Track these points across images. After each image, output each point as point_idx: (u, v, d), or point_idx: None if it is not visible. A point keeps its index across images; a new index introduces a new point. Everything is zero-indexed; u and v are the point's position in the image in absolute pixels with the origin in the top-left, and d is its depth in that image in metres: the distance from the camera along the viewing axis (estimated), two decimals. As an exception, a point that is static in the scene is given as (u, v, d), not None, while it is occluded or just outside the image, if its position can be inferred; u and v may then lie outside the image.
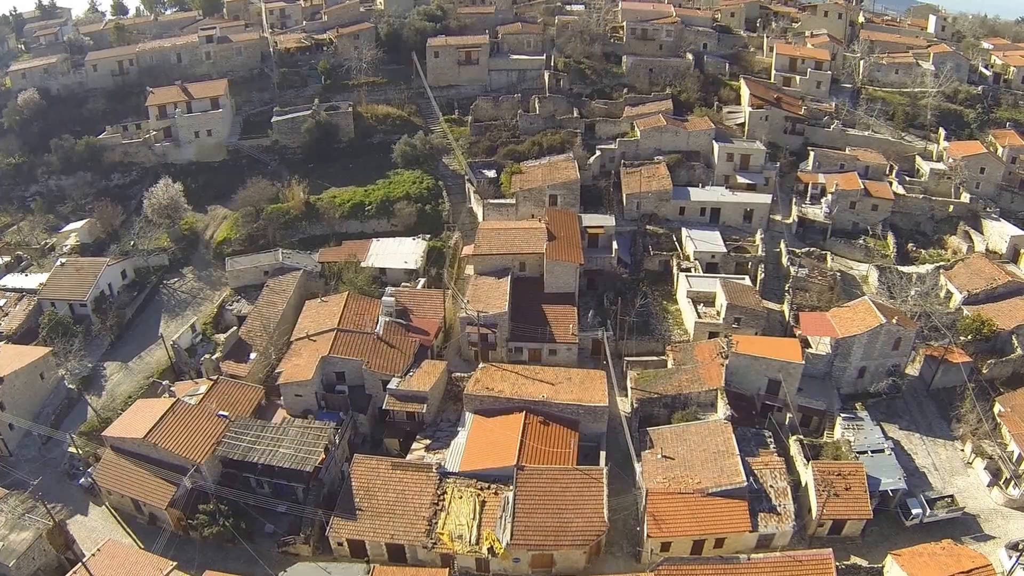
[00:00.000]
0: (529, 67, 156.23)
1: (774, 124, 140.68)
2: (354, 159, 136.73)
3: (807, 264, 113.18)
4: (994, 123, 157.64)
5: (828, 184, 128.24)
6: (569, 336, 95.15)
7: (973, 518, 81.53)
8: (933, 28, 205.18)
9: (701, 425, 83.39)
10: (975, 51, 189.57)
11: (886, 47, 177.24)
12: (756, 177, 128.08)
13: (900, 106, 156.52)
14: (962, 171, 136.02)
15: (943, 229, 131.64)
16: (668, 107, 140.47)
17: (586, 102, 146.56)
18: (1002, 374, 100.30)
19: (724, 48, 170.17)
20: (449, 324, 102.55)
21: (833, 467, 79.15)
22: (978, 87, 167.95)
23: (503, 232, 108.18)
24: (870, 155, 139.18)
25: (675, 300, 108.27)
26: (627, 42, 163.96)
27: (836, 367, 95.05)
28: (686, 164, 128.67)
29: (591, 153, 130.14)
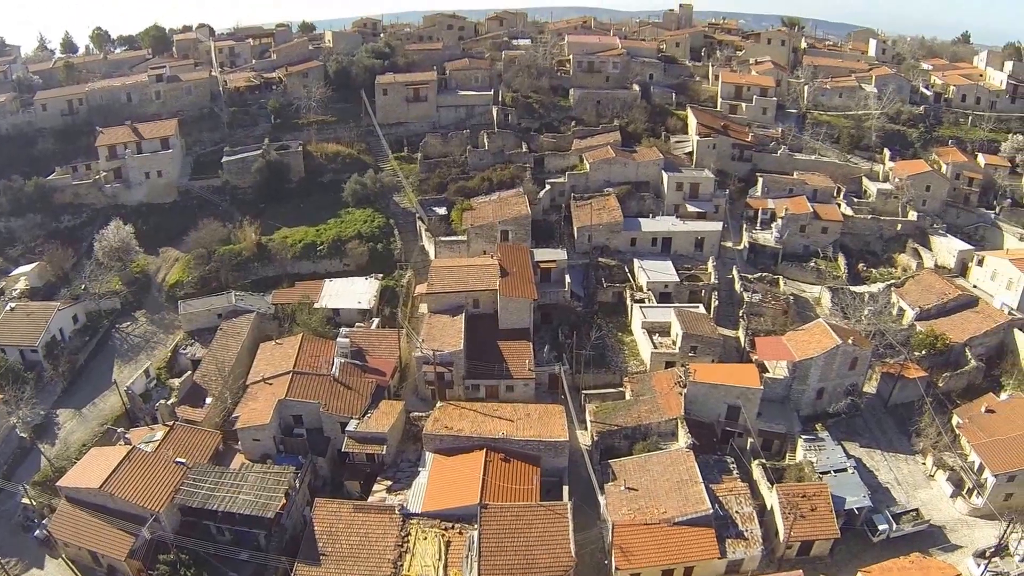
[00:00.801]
0: (477, 103, 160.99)
1: (722, 152, 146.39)
2: (305, 198, 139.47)
3: (760, 289, 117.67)
4: (937, 141, 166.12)
5: (778, 209, 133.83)
6: (526, 372, 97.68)
7: (939, 529, 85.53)
8: (874, 51, 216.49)
9: (663, 455, 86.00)
10: (915, 72, 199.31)
11: (829, 72, 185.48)
12: (706, 205, 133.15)
13: (845, 129, 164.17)
14: (908, 190, 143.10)
15: (892, 247, 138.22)
16: (616, 139, 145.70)
17: (535, 136, 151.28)
18: (958, 386, 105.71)
19: (670, 78, 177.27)
20: (405, 364, 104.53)
21: (797, 489, 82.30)
22: (920, 107, 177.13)
23: (456, 269, 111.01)
24: (818, 178, 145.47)
25: (630, 331, 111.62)
26: (574, 75, 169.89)
27: (794, 390, 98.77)
28: (636, 195, 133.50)
29: (541, 187, 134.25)
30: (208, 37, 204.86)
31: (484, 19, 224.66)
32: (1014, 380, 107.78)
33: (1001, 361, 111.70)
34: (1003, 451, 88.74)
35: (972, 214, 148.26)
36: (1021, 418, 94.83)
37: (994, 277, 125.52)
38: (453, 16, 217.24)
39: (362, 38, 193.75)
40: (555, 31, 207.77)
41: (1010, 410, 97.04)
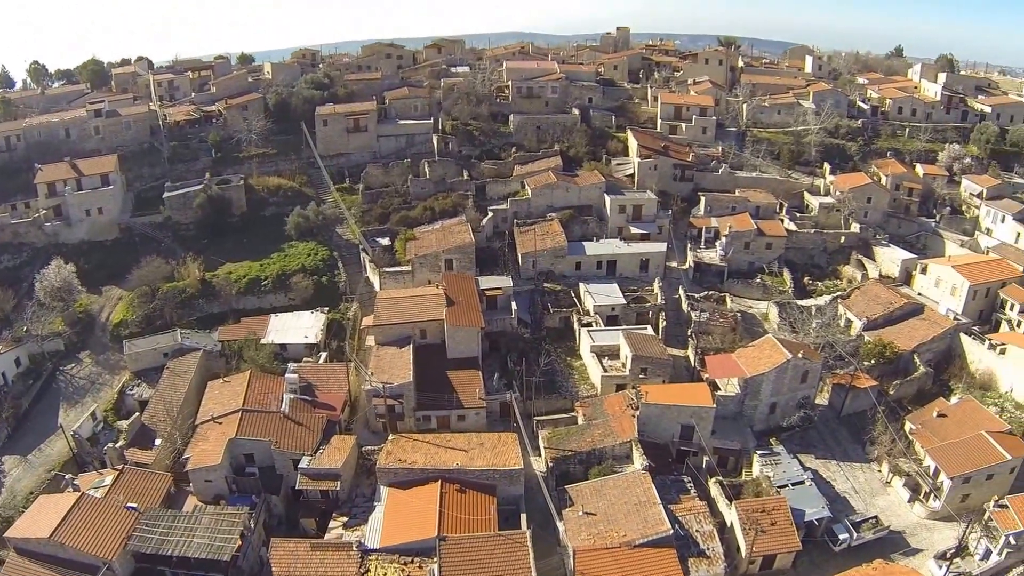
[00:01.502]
0: (417, 131, 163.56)
1: (663, 172, 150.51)
2: (248, 233, 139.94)
3: (707, 308, 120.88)
4: (876, 154, 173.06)
5: (721, 227, 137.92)
6: (476, 401, 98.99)
7: (899, 535, 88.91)
8: (810, 68, 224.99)
9: (619, 478, 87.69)
10: (852, 87, 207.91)
11: (767, 89, 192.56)
12: (649, 226, 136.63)
13: (785, 145, 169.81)
14: (850, 202, 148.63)
15: (837, 260, 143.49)
16: (557, 163, 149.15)
17: (476, 164, 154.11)
18: (908, 393, 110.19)
19: (609, 101, 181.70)
20: (355, 397, 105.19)
21: (756, 504, 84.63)
22: (858, 121, 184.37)
23: (402, 300, 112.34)
24: (760, 195, 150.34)
25: (579, 356, 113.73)
26: (513, 101, 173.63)
27: (747, 406, 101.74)
28: (579, 219, 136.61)
29: (484, 215, 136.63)
30: (147, 70, 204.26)
31: (422, 47, 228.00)
32: (963, 384, 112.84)
33: (949, 366, 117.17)
34: (957, 454, 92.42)
35: (913, 223, 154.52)
36: (972, 421, 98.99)
37: (938, 284, 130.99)
38: (391, 45, 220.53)
39: (301, 69, 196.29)
40: (493, 57, 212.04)
41: (961, 413, 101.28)
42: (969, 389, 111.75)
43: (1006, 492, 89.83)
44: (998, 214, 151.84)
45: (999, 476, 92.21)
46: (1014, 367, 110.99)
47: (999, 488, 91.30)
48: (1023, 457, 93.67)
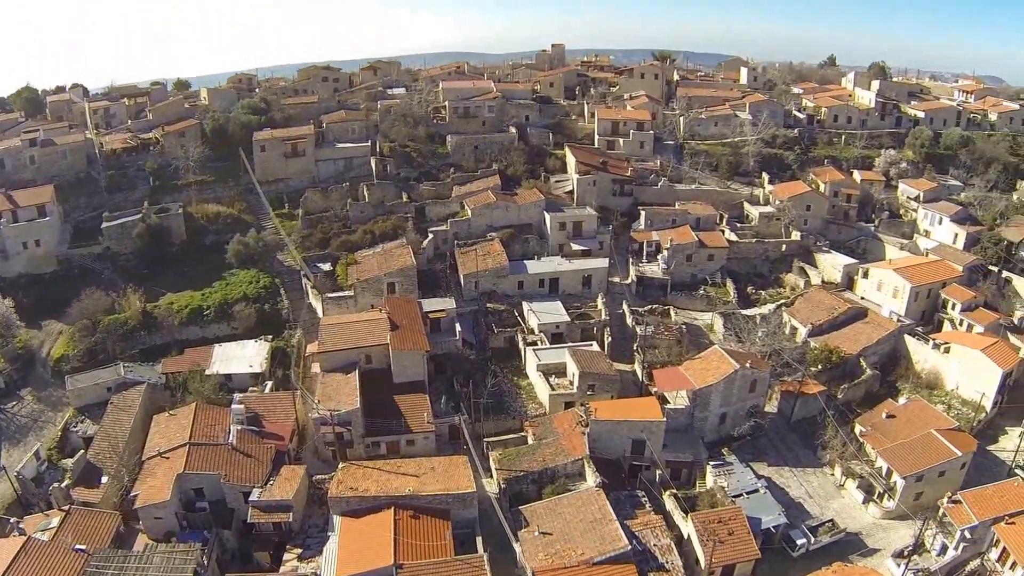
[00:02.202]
0: (355, 155, 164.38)
1: (602, 188, 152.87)
2: (189, 262, 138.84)
3: (652, 321, 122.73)
4: (813, 162, 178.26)
5: (663, 240, 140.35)
6: (425, 425, 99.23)
7: (856, 536, 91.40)
8: (745, 79, 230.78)
9: (573, 496, 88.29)
10: (787, 96, 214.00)
11: (704, 102, 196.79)
12: (591, 242, 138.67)
13: (723, 156, 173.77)
14: (789, 211, 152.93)
15: (779, 268, 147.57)
16: (496, 183, 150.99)
17: (415, 185, 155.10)
18: (856, 396, 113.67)
19: (546, 118, 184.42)
20: (303, 426, 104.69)
21: (712, 515, 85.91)
22: (794, 130, 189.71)
23: (345, 326, 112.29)
24: (700, 207, 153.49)
25: (526, 375, 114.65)
26: (450, 121, 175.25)
27: (697, 417, 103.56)
28: (520, 238, 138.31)
29: (424, 237, 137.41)
30: (82, 98, 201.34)
31: (358, 70, 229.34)
32: (910, 384, 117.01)
33: (895, 367, 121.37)
34: (908, 454, 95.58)
35: (853, 229, 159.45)
36: (921, 420, 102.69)
37: (880, 287, 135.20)
38: (327, 68, 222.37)
39: (238, 94, 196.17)
40: (429, 78, 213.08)
41: (909, 413, 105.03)
42: (916, 389, 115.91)
43: (958, 487, 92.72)
44: (935, 216, 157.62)
45: (950, 472, 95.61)
46: (958, 365, 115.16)
47: (951, 484, 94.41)
48: (972, 452, 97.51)
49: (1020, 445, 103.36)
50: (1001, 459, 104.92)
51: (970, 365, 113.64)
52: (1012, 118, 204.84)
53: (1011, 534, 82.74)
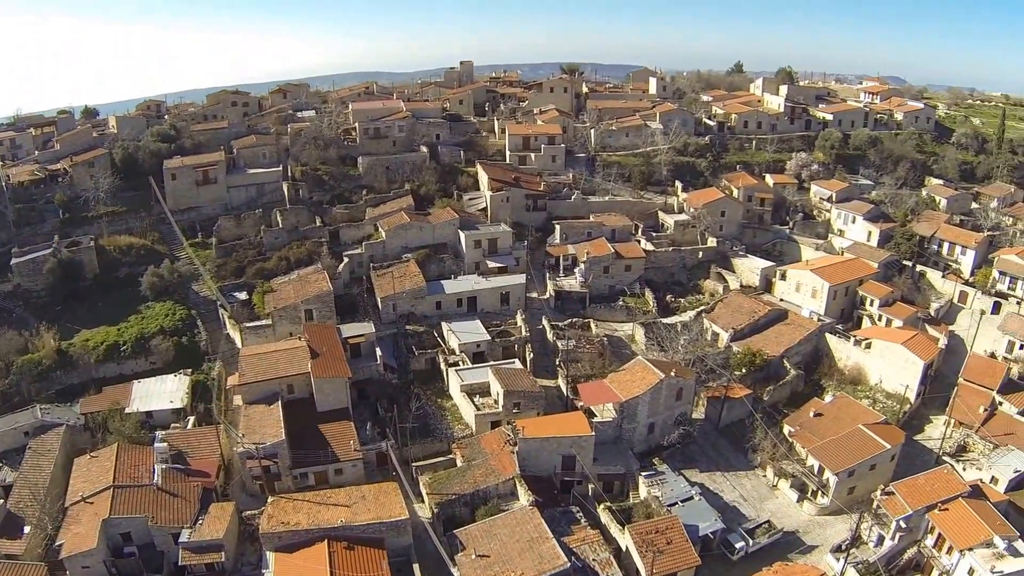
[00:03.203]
0: (267, 180, 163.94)
1: (516, 204, 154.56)
2: (103, 296, 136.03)
3: (573, 335, 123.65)
4: (725, 168, 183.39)
5: (579, 253, 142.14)
6: (352, 452, 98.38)
7: (794, 535, 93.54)
8: (654, 89, 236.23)
9: (507, 516, 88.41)
10: (697, 105, 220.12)
11: (614, 113, 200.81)
12: (507, 259, 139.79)
13: (636, 167, 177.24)
14: (704, 218, 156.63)
15: (697, 275, 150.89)
16: (409, 203, 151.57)
17: (328, 209, 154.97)
18: (782, 397, 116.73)
19: (457, 136, 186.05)
20: (228, 461, 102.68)
21: (649, 526, 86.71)
22: (705, 137, 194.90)
23: (265, 356, 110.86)
24: (615, 218, 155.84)
25: (450, 396, 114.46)
26: (361, 142, 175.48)
27: (625, 429, 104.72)
28: (435, 258, 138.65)
29: (339, 261, 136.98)
30: None
31: (267, 93, 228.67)
32: (834, 381, 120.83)
33: (818, 366, 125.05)
34: (838, 450, 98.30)
35: (768, 232, 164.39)
36: (848, 416, 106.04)
37: (798, 288, 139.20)
38: (236, 92, 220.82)
39: (147, 121, 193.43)
40: (339, 99, 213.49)
41: (836, 410, 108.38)
42: (840, 386, 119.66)
43: (890, 479, 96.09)
44: (849, 215, 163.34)
45: (881, 465, 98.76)
46: (880, 359, 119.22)
47: (882, 477, 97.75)
48: (901, 444, 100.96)
49: (946, 433, 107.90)
50: (929, 448, 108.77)
51: (892, 359, 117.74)
52: (917, 117, 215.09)
53: (945, 520, 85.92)
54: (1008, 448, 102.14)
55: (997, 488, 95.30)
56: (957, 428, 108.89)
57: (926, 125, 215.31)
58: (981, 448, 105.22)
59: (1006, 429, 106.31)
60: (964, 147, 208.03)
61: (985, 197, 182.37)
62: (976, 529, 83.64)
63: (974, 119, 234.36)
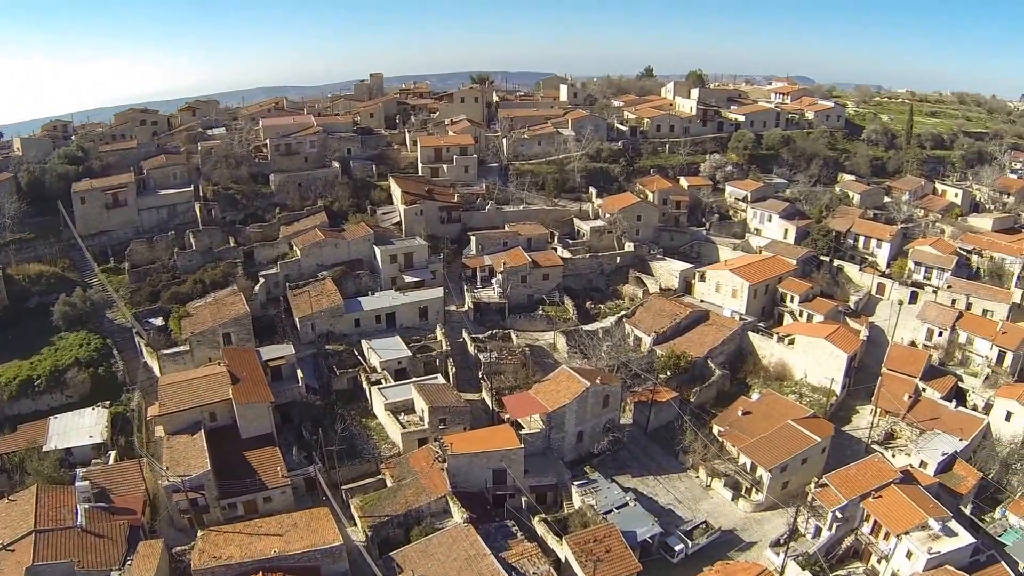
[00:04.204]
0: (179, 201, 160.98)
1: (430, 216, 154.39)
2: (13, 328, 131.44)
3: (494, 347, 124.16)
4: (640, 172, 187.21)
5: (496, 264, 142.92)
6: (280, 479, 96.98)
7: (732, 533, 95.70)
8: (565, 96, 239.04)
9: (443, 535, 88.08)
10: (609, 110, 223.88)
11: (526, 121, 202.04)
12: (423, 273, 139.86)
13: (549, 174, 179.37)
14: (620, 223, 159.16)
15: (616, 280, 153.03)
16: (323, 219, 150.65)
17: (241, 229, 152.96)
18: (709, 397, 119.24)
19: (369, 150, 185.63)
20: (154, 495, 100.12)
21: (586, 535, 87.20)
22: (618, 142, 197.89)
23: (185, 384, 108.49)
24: (530, 227, 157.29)
25: (374, 415, 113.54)
26: (272, 159, 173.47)
27: (554, 439, 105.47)
28: (352, 275, 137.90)
29: (255, 281, 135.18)
30: None
31: (176, 111, 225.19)
32: (759, 379, 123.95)
33: (743, 364, 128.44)
34: (769, 447, 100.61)
35: (685, 234, 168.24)
36: (776, 412, 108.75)
37: (718, 289, 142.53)
38: (145, 111, 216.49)
39: (53, 143, 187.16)
40: (249, 116, 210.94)
41: (764, 407, 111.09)
42: (766, 383, 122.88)
43: (822, 471, 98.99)
44: (765, 214, 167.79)
45: (813, 458, 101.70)
46: (804, 354, 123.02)
47: (815, 469, 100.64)
48: (831, 436, 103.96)
49: (873, 422, 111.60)
50: (858, 438, 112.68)
51: (815, 353, 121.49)
52: (828, 115, 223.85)
53: (880, 507, 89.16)
54: (934, 432, 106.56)
55: (927, 472, 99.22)
56: (883, 417, 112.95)
57: (836, 123, 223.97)
58: (908, 434, 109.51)
59: (931, 414, 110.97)
60: (874, 143, 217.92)
61: (897, 191, 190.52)
62: (910, 513, 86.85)
63: (883, 116, 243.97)
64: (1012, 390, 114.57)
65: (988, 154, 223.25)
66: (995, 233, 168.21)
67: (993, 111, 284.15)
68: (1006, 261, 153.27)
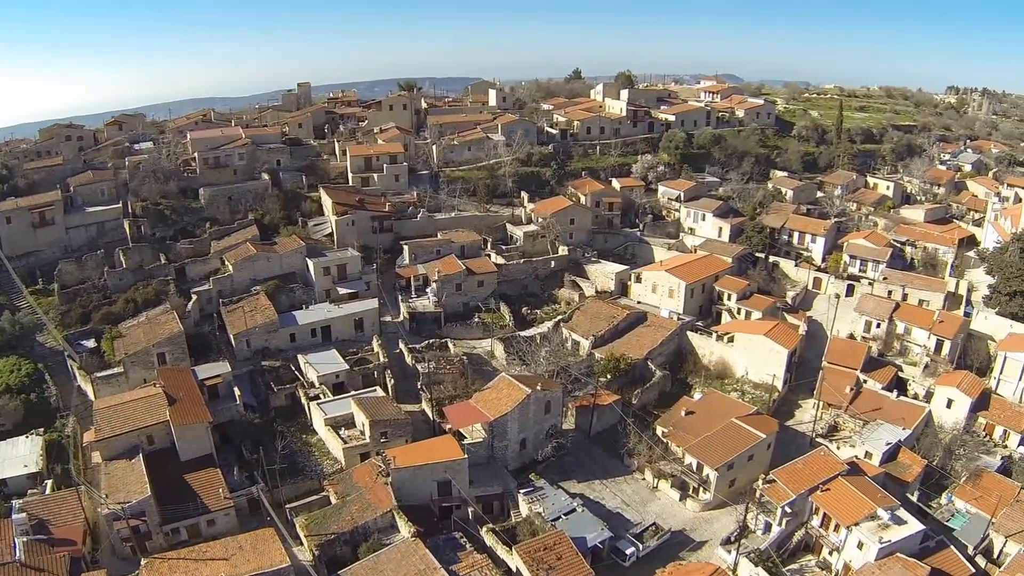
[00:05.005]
0: (107, 218, 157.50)
1: (362, 227, 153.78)
2: None
3: (431, 357, 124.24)
4: (571, 175, 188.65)
5: (430, 273, 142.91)
6: (222, 501, 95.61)
7: (682, 533, 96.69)
8: (494, 101, 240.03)
9: (391, 550, 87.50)
10: (539, 114, 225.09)
11: (455, 127, 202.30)
12: (357, 284, 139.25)
13: (480, 180, 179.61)
14: (554, 227, 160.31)
15: (551, 285, 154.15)
16: (254, 233, 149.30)
17: (172, 245, 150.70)
18: (651, 399, 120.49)
19: (298, 161, 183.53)
20: (94, 524, 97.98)
21: (536, 543, 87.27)
22: (549, 146, 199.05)
23: (121, 407, 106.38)
24: (463, 234, 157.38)
25: (314, 431, 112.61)
26: (201, 173, 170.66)
27: (497, 448, 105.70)
28: (285, 288, 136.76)
29: (188, 299, 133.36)
30: None
31: (103, 125, 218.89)
32: (701, 378, 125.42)
33: (683, 364, 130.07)
34: (714, 445, 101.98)
35: (619, 236, 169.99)
36: (719, 410, 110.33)
37: (655, 289, 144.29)
38: (70, 126, 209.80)
39: None
40: (176, 129, 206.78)
41: (707, 406, 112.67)
42: (708, 382, 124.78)
43: (768, 467, 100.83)
44: (698, 213, 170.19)
45: (759, 455, 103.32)
46: (744, 352, 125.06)
47: (761, 466, 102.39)
48: (775, 432, 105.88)
49: (817, 416, 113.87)
50: (802, 432, 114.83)
51: (756, 350, 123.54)
52: (758, 113, 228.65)
53: (828, 500, 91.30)
54: (877, 423, 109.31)
55: (872, 462, 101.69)
56: (826, 410, 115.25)
57: (767, 120, 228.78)
58: (852, 426, 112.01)
59: (873, 405, 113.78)
60: (805, 139, 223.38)
61: (829, 185, 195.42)
62: (859, 504, 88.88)
63: (812, 112, 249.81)
64: (951, 377, 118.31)
65: (917, 146, 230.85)
66: (927, 224, 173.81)
67: (920, 104, 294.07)
68: (939, 251, 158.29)
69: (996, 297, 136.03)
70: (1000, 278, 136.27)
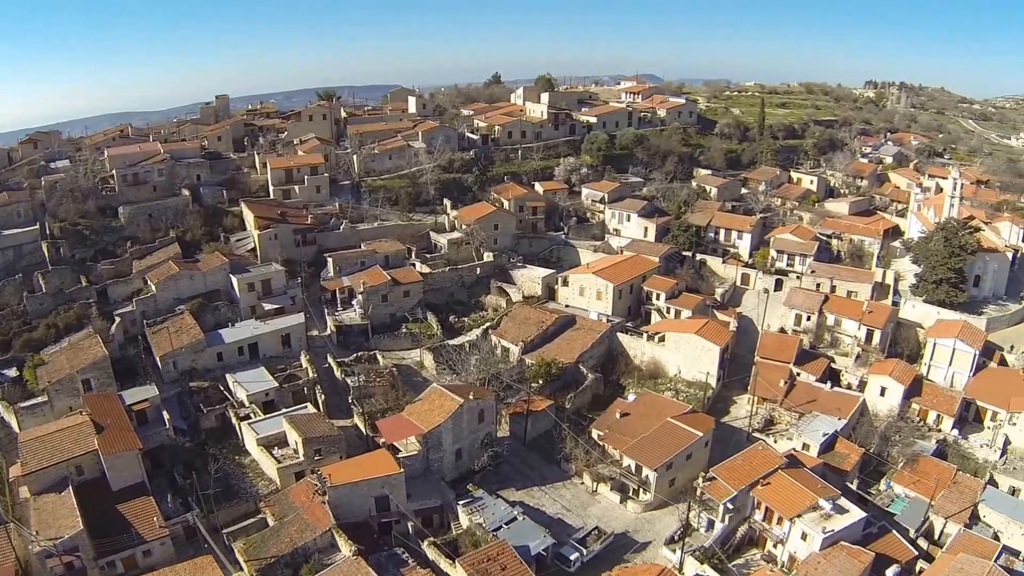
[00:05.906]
0: (25, 240, 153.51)
1: (285, 240, 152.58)
2: None
3: (361, 370, 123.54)
4: (493, 180, 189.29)
5: (355, 285, 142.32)
6: (157, 530, 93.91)
7: (625, 536, 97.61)
8: (414, 108, 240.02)
9: (332, 570, 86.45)
10: (459, 120, 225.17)
11: (376, 136, 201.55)
12: (282, 299, 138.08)
13: (402, 189, 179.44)
14: (478, 233, 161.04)
15: (477, 292, 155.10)
16: (176, 251, 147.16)
17: (93, 266, 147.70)
18: (584, 403, 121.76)
19: (218, 175, 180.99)
20: (26, 563, 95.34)
21: (479, 555, 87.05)
22: (470, 152, 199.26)
23: (47, 439, 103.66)
24: (387, 244, 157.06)
25: (247, 452, 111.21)
26: (120, 190, 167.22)
27: (433, 460, 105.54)
28: (210, 306, 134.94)
29: (111, 321, 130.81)
30: None
31: (16, 143, 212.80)
32: (634, 379, 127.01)
33: (615, 366, 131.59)
34: (651, 446, 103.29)
35: (544, 240, 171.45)
36: (655, 411, 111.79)
37: (583, 292, 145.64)
38: None
39: None
40: (93, 146, 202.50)
41: (642, 407, 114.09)
42: (641, 383, 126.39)
43: (707, 464, 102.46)
44: (623, 214, 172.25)
45: (697, 453, 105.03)
46: (676, 351, 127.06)
47: (700, 464, 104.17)
48: (712, 429, 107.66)
49: (752, 411, 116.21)
50: (739, 428, 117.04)
51: (687, 349, 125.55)
52: (680, 112, 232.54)
53: (769, 493, 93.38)
54: (813, 415, 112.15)
55: (810, 453, 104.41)
56: (761, 404, 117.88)
57: (689, 119, 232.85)
58: (788, 419, 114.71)
59: (808, 397, 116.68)
60: (728, 136, 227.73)
61: (753, 182, 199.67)
62: (800, 496, 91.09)
63: (734, 109, 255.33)
64: (883, 366, 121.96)
65: (839, 140, 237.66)
66: (852, 216, 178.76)
67: (840, 99, 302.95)
68: (865, 242, 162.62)
69: (923, 285, 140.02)
70: (926, 267, 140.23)
